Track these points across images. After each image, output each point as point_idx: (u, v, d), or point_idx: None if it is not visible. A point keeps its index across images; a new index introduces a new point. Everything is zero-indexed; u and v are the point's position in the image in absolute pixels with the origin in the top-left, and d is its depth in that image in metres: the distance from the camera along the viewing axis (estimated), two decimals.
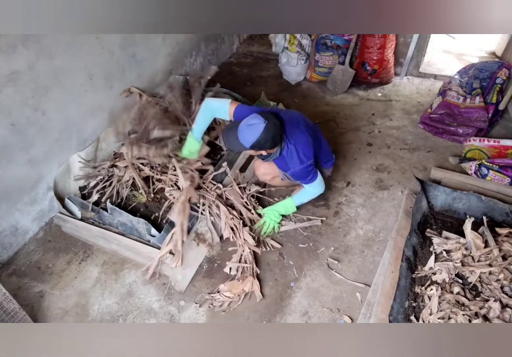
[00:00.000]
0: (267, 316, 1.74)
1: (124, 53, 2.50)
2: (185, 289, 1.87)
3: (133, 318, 1.77)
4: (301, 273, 1.91)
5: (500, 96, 2.63)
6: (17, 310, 1.61)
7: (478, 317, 1.41)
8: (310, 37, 3.42)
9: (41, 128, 2.04)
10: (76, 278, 1.97)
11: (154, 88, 2.86)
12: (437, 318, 1.46)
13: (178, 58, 3.16)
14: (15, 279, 1.98)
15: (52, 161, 2.18)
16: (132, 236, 1.96)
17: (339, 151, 2.69)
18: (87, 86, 2.26)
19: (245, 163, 2.33)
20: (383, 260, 1.80)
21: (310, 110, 3.16)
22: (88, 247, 2.13)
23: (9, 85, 1.81)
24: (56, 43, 1.98)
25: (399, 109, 3.11)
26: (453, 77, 2.82)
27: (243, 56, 4.11)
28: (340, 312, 1.72)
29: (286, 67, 3.47)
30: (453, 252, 1.70)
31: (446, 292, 1.55)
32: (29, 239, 2.19)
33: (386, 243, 1.94)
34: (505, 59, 3.20)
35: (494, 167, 2.19)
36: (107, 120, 2.49)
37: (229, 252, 2.04)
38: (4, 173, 1.92)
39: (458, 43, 4.00)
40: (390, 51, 3.22)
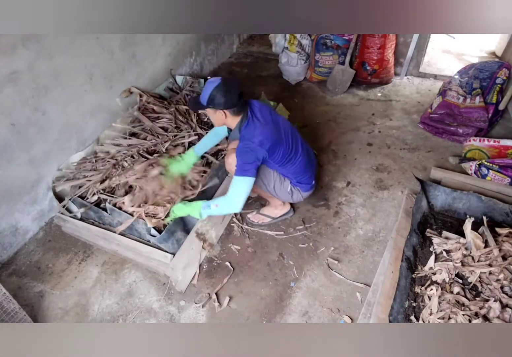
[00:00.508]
0: (267, 316, 1.74)
1: (124, 53, 2.50)
2: (185, 289, 1.87)
3: (133, 318, 1.77)
4: (301, 273, 1.91)
5: (500, 96, 2.63)
6: (17, 310, 1.61)
7: (478, 317, 1.41)
8: (310, 37, 3.42)
9: (41, 128, 2.04)
10: (76, 278, 1.97)
11: (154, 88, 2.87)
12: (437, 318, 1.46)
13: (178, 58, 3.16)
14: (15, 279, 1.98)
15: (52, 161, 2.18)
16: (132, 236, 1.96)
17: (339, 151, 2.70)
18: (87, 86, 2.26)
19: None
20: (383, 260, 1.81)
21: (310, 110, 3.16)
22: (88, 247, 2.13)
23: (9, 85, 1.81)
24: (56, 43, 1.98)
25: (399, 109, 3.11)
26: (453, 77, 2.82)
27: (243, 56, 4.11)
28: (340, 312, 1.72)
29: (286, 67, 3.47)
30: (453, 252, 1.70)
31: (446, 292, 1.55)
32: (29, 239, 2.19)
33: (386, 243, 1.94)
34: (505, 59, 3.20)
35: (494, 167, 2.19)
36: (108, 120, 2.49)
37: (229, 252, 2.04)
38: (4, 174, 1.92)
39: (458, 43, 4.00)
40: (390, 51, 3.22)
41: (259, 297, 1.82)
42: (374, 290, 1.68)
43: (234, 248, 2.06)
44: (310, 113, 3.13)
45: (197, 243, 1.95)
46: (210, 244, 2.03)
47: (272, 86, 3.52)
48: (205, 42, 3.55)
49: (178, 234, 1.89)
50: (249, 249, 2.05)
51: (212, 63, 3.77)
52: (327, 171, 2.52)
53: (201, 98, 1.66)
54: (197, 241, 1.94)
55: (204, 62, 3.61)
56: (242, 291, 1.85)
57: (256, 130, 1.67)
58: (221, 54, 3.93)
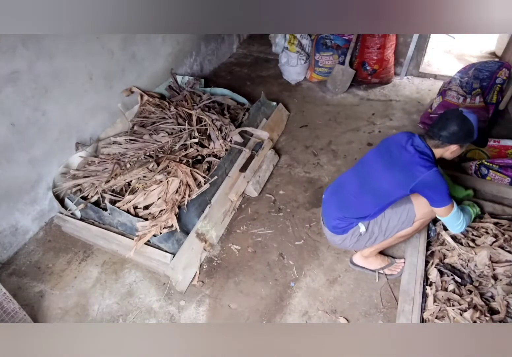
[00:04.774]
0: (267, 316, 1.74)
1: (124, 53, 2.50)
2: (185, 289, 1.87)
3: (133, 318, 1.77)
4: (301, 273, 1.91)
5: (500, 96, 2.63)
6: (17, 310, 1.61)
7: (470, 309, 1.45)
8: (310, 37, 3.42)
9: (41, 128, 2.04)
10: (76, 278, 1.97)
11: (154, 88, 2.87)
12: (429, 315, 1.50)
13: (178, 58, 3.16)
14: (15, 279, 1.98)
15: (52, 161, 2.18)
16: (132, 236, 1.96)
17: (339, 151, 2.69)
18: (87, 86, 2.26)
19: (245, 163, 2.33)
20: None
21: (310, 110, 3.16)
22: (88, 247, 2.13)
23: (9, 85, 1.81)
24: (56, 43, 1.98)
25: (399, 109, 3.11)
26: (453, 77, 2.82)
27: (243, 56, 4.11)
28: (336, 314, 1.71)
29: (286, 67, 3.47)
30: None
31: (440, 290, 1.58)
32: (29, 239, 2.19)
33: None
34: (505, 59, 3.20)
35: (494, 167, 2.19)
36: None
37: (229, 252, 2.04)
38: (4, 174, 1.92)
39: (458, 43, 4.00)
40: (390, 51, 3.22)
41: (259, 297, 1.82)
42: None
43: (234, 248, 2.06)
44: (310, 113, 3.12)
45: (197, 243, 1.95)
46: (211, 244, 2.03)
47: (272, 86, 3.52)
48: (205, 42, 3.55)
49: (178, 234, 1.89)
50: (249, 249, 2.05)
51: (212, 63, 3.77)
52: (327, 171, 2.52)
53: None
54: (197, 241, 1.94)
55: (204, 62, 3.61)
56: (242, 291, 1.85)
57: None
58: (221, 54, 3.93)
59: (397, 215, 1.56)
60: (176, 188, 1.96)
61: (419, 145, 1.47)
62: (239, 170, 2.27)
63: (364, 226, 1.59)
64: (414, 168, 1.41)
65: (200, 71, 3.58)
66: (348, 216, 1.60)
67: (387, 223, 1.57)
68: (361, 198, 1.58)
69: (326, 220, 1.71)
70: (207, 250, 2.01)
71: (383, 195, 1.51)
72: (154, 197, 1.95)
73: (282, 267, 1.95)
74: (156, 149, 2.25)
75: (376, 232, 1.60)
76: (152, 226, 1.81)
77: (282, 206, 2.29)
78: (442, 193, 1.42)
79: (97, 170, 2.19)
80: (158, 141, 2.31)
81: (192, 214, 1.98)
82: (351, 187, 1.63)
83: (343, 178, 1.73)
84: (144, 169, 2.05)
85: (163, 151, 2.23)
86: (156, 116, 2.56)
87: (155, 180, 2.00)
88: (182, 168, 2.02)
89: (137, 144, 2.32)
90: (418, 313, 1.51)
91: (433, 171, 1.39)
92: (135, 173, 2.04)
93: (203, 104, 2.65)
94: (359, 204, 1.58)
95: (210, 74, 3.73)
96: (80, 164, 2.28)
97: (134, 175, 2.04)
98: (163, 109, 2.60)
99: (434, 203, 1.45)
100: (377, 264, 1.82)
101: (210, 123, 2.41)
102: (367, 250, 1.75)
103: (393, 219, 1.57)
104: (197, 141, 2.28)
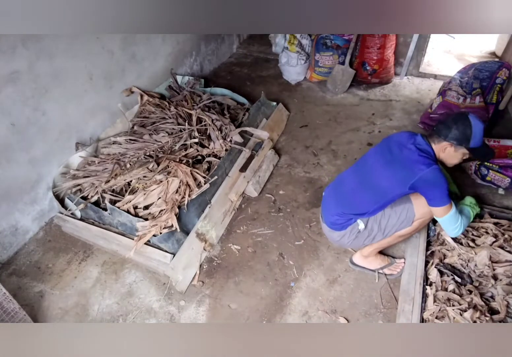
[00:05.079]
0: (267, 316, 1.74)
1: (124, 53, 2.50)
2: (186, 289, 1.87)
3: (133, 318, 1.77)
4: (301, 273, 1.91)
5: (500, 96, 2.63)
6: (17, 310, 1.61)
7: (470, 308, 1.45)
8: (310, 37, 3.42)
9: (41, 128, 2.04)
10: (76, 278, 1.97)
11: (154, 88, 2.87)
12: (429, 315, 1.50)
13: (178, 58, 3.16)
14: (15, 279, 1.98)
15: (52, 161, 2.18)
16: (132, 236, 1.96)
17: (339, 151, 2.69)
18: (87, 86, 2.26)
19: (245, 163, 2.33)
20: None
21: (310, 110, 3.16)
22: (88, 247, 2.13)
23: (9, 85, 1.81)
24: (56, 43, 1.98)
25: (399, 109, 3.11)
26: (453, 77, 2.81)
27: (243, 56, 4.11)
28: (336, 314, 1.72)
29: (286, 67, 3.47)
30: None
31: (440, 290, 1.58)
32: (29, 239, 2.19)
33: None
34: (505, 59, 3.20)
35: (494, 168, 2.19)
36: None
37: (229, 252, 2.04)
38: (4, 174, 1.92)
39: (458, 43, 4.00)
40: (390, 51, 3.22)
41: (259, 297, 1.82)
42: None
43: (234, 248, 2.06)
44: (310, 113, 3.12)
45: (197, 243, 1.95)
46: (210, 244, 2.03)
47: (272, 86, 3.52)
48: (205, 42, 3.55)
49: (178, 234, 1.89)
50: (249, 249, 2.05)
51: (212, 63, 3.78)
52: (327, 171, 2.52)
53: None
54: (197, 241, 1.94)
55: (204, 62, 3.61)
56: (242, 291, 1.85)
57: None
58: (221, 54, 3.93)
59: (397, 214, 1.56)
60: (176, 188, 1.96)
61: (420, 144, 1.48)
62: (239, 170, 2.27)
63: (363, 222, 1.59)
64: (414, 165, 1.41)
65: (200, 71, 3.58)
66: (347, 212, 1.61)
67: (386, 221, 1.57)
68: (360, 195, 1.58)
69: (325, 216, 1.71)
70: (207, 250, 2.02)
71: (382, 192, 1.52)
72: (154, 197, 1.95)
73: (282, 267, 1.95)
74: (156, 149, 2.25)
75: (375, 230, 1.60)
76: (152, 226, 1.81)
77: (282, 206, 2.30)
78: (440, 192, 1.41)
79: (97, 170, 2.19)
80: (158, 141, 2.31)
81: (192, 214, 1.98)
82: (351, 183, 1.64)
83: (344, 175, 1.73)
84: (144, 169, 2.05)
85: (163, 151, 2.24)
86: (156, 116, 2.56)
87: (155, 180, 2.00)
88: (182, 168, 2.02)
89: (137, 144, 2.32)
90: (418, 313, 1.51)
91: (433, 169, 1.39)
92: (135, 173, 2.05)
93: (203, 104, 2.65)
94: (358, 200, 1.59)
95: (210, 74, 3.73)
96: (80, 164, 2.28)
97: (134, 175, 2.04)
98: (163, 109, 2.60)
99: (431, 201, 1.45)
100: (377, 264, 1.82)
101: (210, 123, 2.41)
102: (367, 249, 1.75)
103: (393, 218, 1.57)
104: (197, 141, 2.29)
